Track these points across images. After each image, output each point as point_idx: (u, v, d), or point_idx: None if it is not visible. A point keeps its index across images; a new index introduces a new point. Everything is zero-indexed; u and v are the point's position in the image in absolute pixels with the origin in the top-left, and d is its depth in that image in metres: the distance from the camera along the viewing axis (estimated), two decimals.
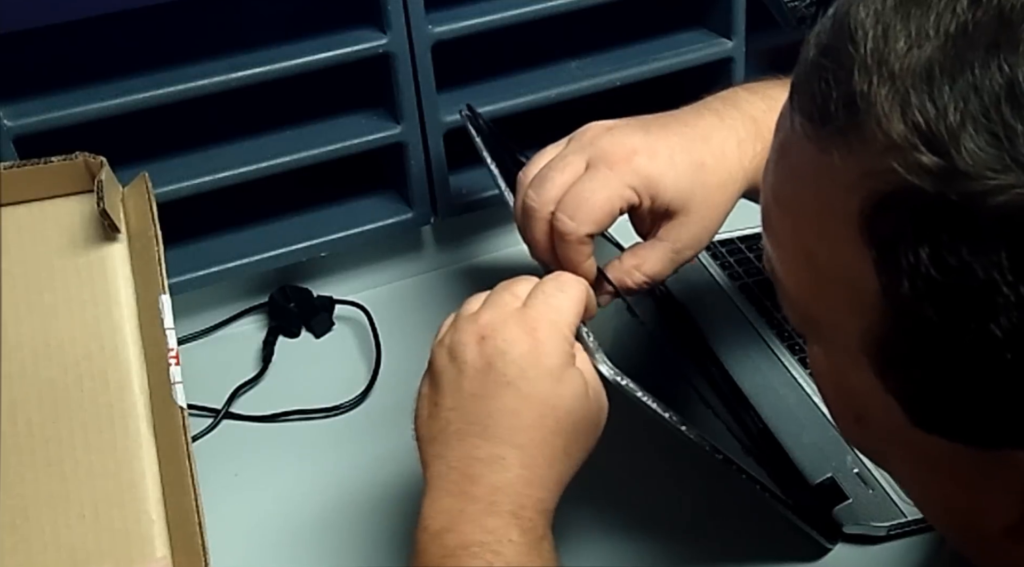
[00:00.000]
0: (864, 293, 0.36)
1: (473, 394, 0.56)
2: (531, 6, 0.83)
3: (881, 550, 0.70)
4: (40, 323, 0.68)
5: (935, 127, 0.32)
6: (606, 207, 0.62)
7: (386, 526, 0.74)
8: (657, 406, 0.61)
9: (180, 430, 0.65)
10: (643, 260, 0.66)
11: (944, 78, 0.32)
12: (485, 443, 0.55)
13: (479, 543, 0.52)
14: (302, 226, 0.90)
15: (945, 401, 0.36)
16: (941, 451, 0.37)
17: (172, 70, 0.78)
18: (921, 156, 0.32)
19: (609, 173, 0.62)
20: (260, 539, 0.74)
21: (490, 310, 0.58)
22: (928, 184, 0.32)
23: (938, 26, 0.33)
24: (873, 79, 0.34)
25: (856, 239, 0.35)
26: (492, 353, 0.55)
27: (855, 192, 0.35)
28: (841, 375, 0.40)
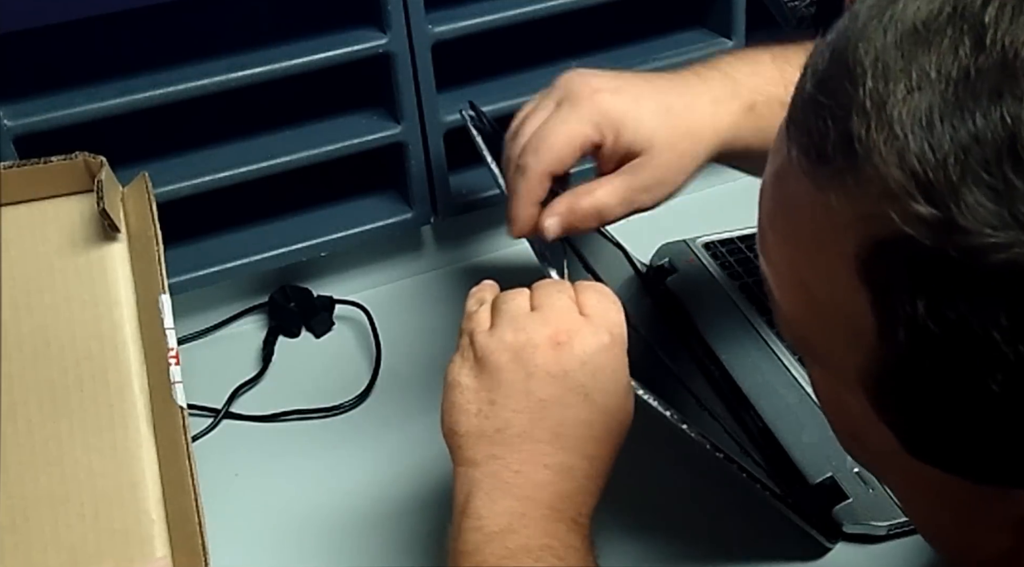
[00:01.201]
0: (861, 330, 0.35)
1: (543, 399, 0.55)
2: (531, 6, 0.83)
3: (881, 550, 0.70)
4: (40, 323, 0.68)
5: (934, 177, 0.31)
6: (567, 143, 0.62)
7: (386, 525, 0.74)
8: (658, 405, 0.61)
9: (180, 430, 0.65)
10: (596, 187, 0.65)
11: (945, 126, 0.31)
12: (556, 451, 0.54)
13: (543, 547, 0.52)
14: (302, 226, 0.90)
15: (939, 437, 0.35)
16: (936, 479, 0.36)
17: (172, 70, 0.78)
18: (919, 206, 0.32)
19: (572, 110, 0.63)
20: (260, 539, 0.74)
21: (557, 314, 0.56)
22: (925, 236, 0.32)
23: (940, 69, 0.32)
24: (871, 122, 0.33)
25: (853, 278, 0.35)
26: (569, 361, 0.55)
27: (851, 233, 0.34)
28: (838, 397, 0.40)
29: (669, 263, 0.91)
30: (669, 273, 0.90)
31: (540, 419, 0.54)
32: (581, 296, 0.58)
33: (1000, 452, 0.34)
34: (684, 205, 0.96)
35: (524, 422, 0.55)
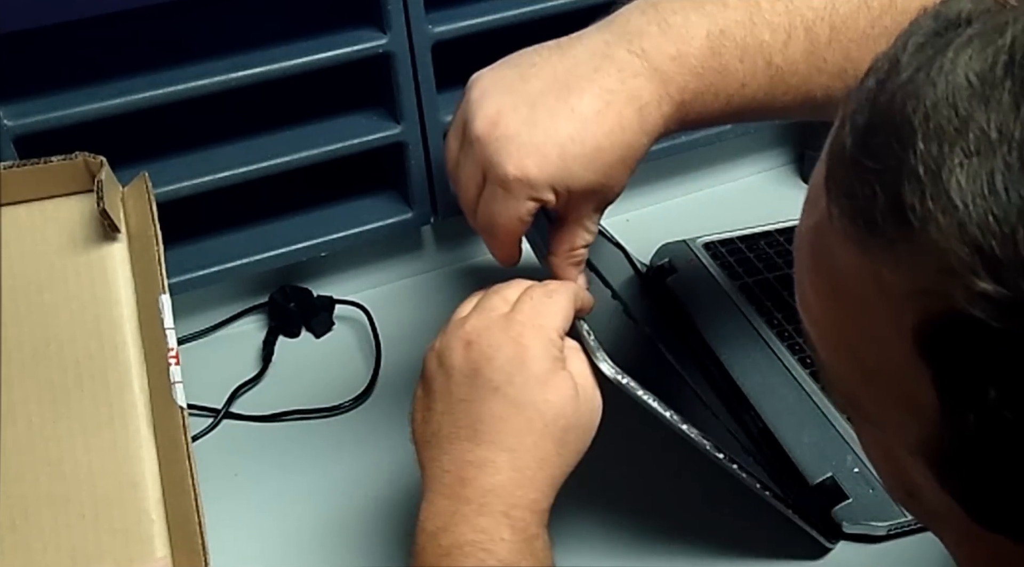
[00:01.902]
0: (922, 406, 0.33)
1: (461, 399, 0.56)
2: (531, 6, 0.83)
3: (881, 550, 0.70)
4: (40, 323, 0.68)
5: (1000, 251, 0.29)
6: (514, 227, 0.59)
7: (386, 526, 0.74)
8: (658, 405, 0.61)
9: (180, 430, 0.65)
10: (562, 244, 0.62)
11: (1011, 193, 0.28)
12: (476, 447, 0.55)
13: (471, 542, 0.53)
14: (302, 226, 0.90)
15: (1010, 511, 0.33)
16: (1000, 545, 0.34)
17: (172, 70, 0.78)
18: (984, 284, 0.29)
19: (505, 195, 0.59)
20: (260, 539, 0.74)
21: (477, 315, 0.58)
22: (993, 317, 0.29)
23: (1001, 129, 0.29)
24: (926, 190, 0.30)
25: (910, 352, 0.32)
26: (478, 358, 0.56)
27: (908, 306, 0.31)
28: (893, 458, 0.38)
29: (669, 263, 0.91)
30: (669, 273, 0.90)
31: (461, 418, 0.56)
32: (523, 293, 0.59)
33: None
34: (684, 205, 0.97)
35: (449, 423, 0.56)
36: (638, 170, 0.70)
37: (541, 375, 0.56)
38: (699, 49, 0.57)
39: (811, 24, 0.57)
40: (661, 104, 0.58)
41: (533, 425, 0.55)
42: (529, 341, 0.56)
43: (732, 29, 0.57)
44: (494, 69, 0.62)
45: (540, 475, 0.56)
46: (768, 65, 0.57)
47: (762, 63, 0.57)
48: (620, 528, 0.73)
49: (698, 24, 0.58)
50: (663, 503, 0.74)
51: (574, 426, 0.57)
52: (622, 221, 0.97)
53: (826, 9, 0.57)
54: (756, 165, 1.04)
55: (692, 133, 0.95)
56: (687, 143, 0.95)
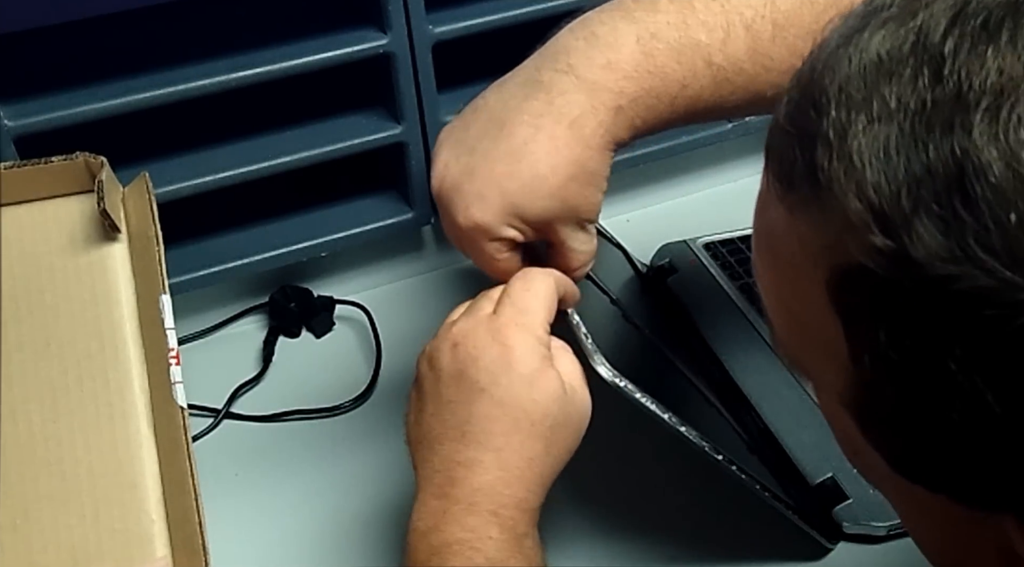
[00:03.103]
0: (838, 355, 0.36)
1: (450, 400, 0.57)
2: (531, 6, 0.83)
3: (881, 550, 0.70)
4: (40, 323, 0.68)
5: (888, 209, 0.32)
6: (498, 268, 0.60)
7: (385, 526, 0.74)
8: (656, 407, 0.61)
9: (180, 430, 0.65)
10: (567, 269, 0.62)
11: (900, 158, 0.32)
12: (464, 448, 0.56)
13: (460, 541, 0.54)
14: (302, 226, 0.90)
15: (917, 458, 0.36)
16: (925, 498, 0.37)
17: (172, 70, 0.78)
18: (875, 238, 0.32)
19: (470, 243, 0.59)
20: (260, 539, 0.74)
21: (465, 318, 0.58)
22: (882, 266, 0.32)
23: (900, 100, 0.32)
24: (833, 153, 0.33)
25: (827, 305, 0.35)
26: (464, 359, 0.56)
27: (821, 261, 0.35)
28: (835, 414, 0.40)
29: (669, 263, 0.91)
30: (669, 273, 0.90)
31: (449, 419, 0.56)
32: (503, 290, 0.59)
33: (972, 477, 0.34)
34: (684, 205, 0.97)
35: (438, 425, 0.57)
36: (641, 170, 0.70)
37: (527, 375, 0.56)
38: (630, 55, 0.57)
39: (750, 22, 0.57)
40: (596, 114, 0.57)
41: (520, 425, 0.55)
42: (514, 341, 0.56)
43: (664, 31, 0.57)
44: (451, 121, 0.63)
45: (528, 474, 0.56)
46: (708, 65, 0.57)
47: (701, 63, 0.57)
48: (619, 529, 0.73)
49: (627, 31, 0.58)
50: (663, 504, 0.74)
51: (563, 425, 0.57)
52: (622, 221, 0.97)
53: (766, 7, 0.58)
54: (756, 165, 1.03)
55: (693, 133, 0.95)
56: (687, 143, 0.95)
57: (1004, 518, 0.35)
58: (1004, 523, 0.35)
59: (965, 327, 0.31)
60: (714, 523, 0.72)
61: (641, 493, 0.75)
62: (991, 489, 0.34)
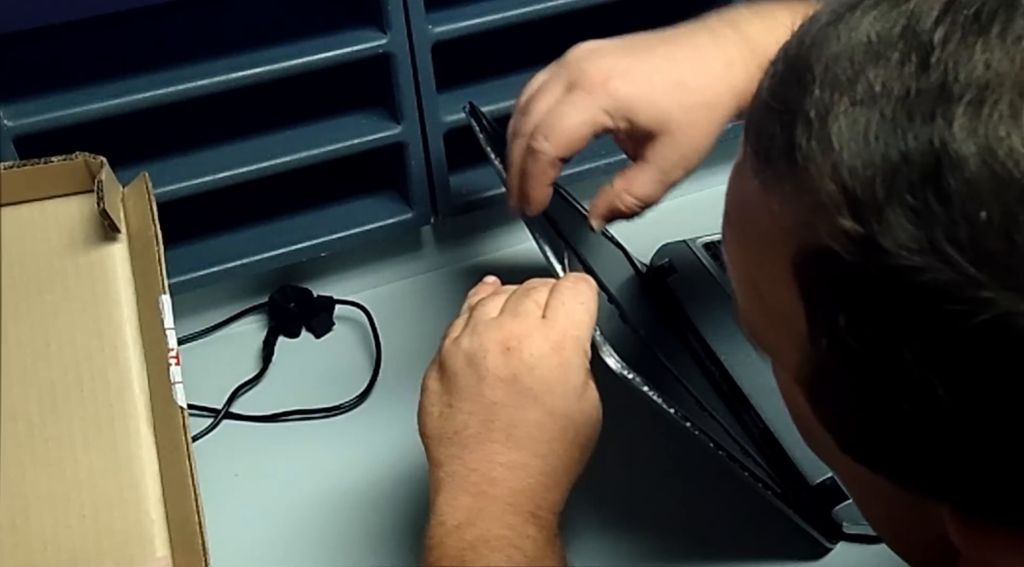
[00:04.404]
0: (797, 333, 0.36)
1: (495, 402, 0.57)
2: (531, 6, 0.83)
3: (881, 550, 0.69)
4: (40, 323, 0.68)
5: (861, 193, 0.31)
6: (579, 131, 0.63)
7: (386, 525, 0.74)
8: (662, 401, 0.61)
9: (180, 430, 0.65)
10: (631, 182, 0.66)
11: (879, 143, 0.31)
12: (508, 450, 0.56)
13: (499, 537, 0.54)
14: (302, 226, 0.90)
15: (862, 440, 0.36)
16: (870, 479, 0.37)
17: (172, 70, 0.78)
18: (844, 221, 0.32)
19: (585, 97, 0.63)
20: (260, 539, 0.74)
21: (514, 319, 0.58)
22: (849, 251, 0.32)
23: (885, 85, 0.32)
24: (813, 132, 0.33)
25: (791, 282, 0.35)
26: (518, 366, 0.57)
27: (790, 239, 0.34)
28: (789, 393, 0.40)
29: (669, 263, 0.91)
30: (669, 273, 0.90)
31: (493, 421, 0.57)
32: (552, 296, 0.59)
33: (916, 468, 0.34)
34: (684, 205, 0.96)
35: (478, 424, 0.57)
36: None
37: (578, 387, 0.57)
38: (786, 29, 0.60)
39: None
40: (748, 66, 0.62)
41: (567, 434, 0.57)
42: (570, 354, 0.57)
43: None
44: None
45: (565, 480, 0.57)
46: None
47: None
48: (620, 528, 0.73)
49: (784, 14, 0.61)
50: (663, 503, 0.74)
51: (596, 433, 0.59)
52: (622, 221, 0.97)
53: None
54: None
55: None
56: None
57: (942, 506, 0.35)
58: (941, 511, 0.35)
59: (924, 320, 0.31)
60: (714, 522, 0.72)
61: (641, 491, 0.75)
62: (932, 478, 0.34)
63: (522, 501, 0.56)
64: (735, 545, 0.71)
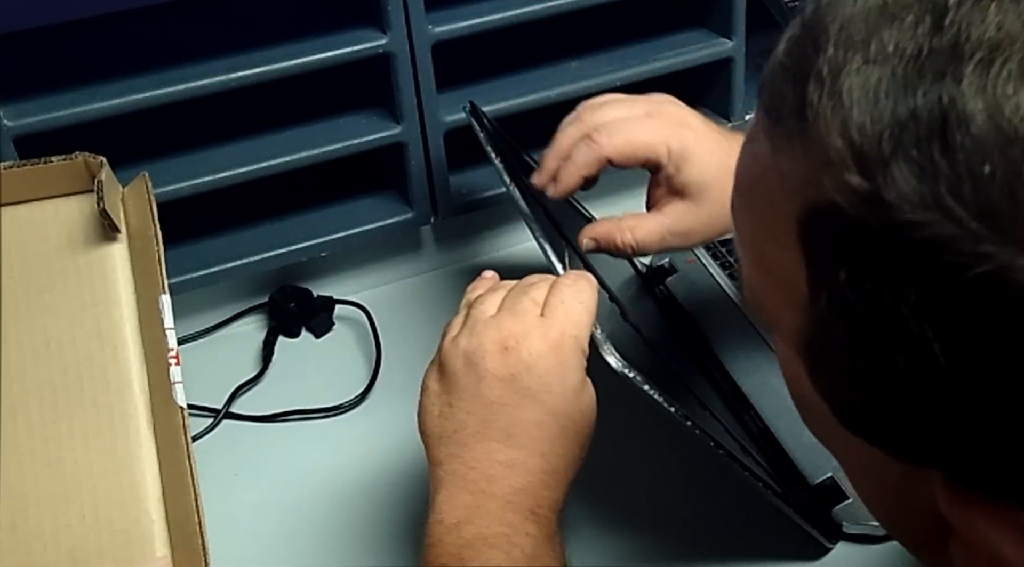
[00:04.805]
0: (797, 295, 0.36)
1: (494, 402, 0.57)
2: (531, 6, 0.83)
3: (881, 550, 0.70)
4: (40, 323, 0.68)
5: (868, 149, 0.32)
6: (638, 148, 0.66)
7: (386, 525, 0.74)
8: (663, 399, 0.61)
9: (180, 430, 0.65)
10: (639, 223, 0.69)
11: (888, 101, 0.32)
12: (507, 448, 0.56)
13: (497, 534, 0.54)
14: (302, 226, 0.90)
15: (859, 409, 0.36)
16: (865, 452, 0.37)
17: (172, 70, 0.78)
18: (850, 176, 0.32)
19: (659, 127, 0.66)
20: (260, 539, 0.74)
21: (512, 318, 0.59)
22: (853, 206, 0.32)
23: (897, 44, 0.32)
24: (824, 90, 0.33)
25: (795, 243, 0.35)
26: (516, 365, 0.57)
27: (796, 197, 0.35)
28: (788, 364, 0.40)
29: (669, 263, 0.91)
30: (669, 273, 0.90)
31: (492, 420, 0.57)
32: (551, 294, 0.60)
33: (908, 430, 0.34)
34: None
35: (477, 423, 0.57)
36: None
37: (577, 385, 0.58)
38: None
39: None
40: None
41: (567, 432, 0.57)
42: (567, 354, 0.58)
43: None
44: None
45: (565, 478, 0.58)
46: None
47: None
48: (620, 527, 0.73)
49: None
50: (663, 503, 0.74)
51: (592, 429, 0.59)
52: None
53: None
54: None
55: None
56: None
57: (932, 474, 0.35)
58: (932, 480, 0.35)
59: (922, 274, 0.31)
60: (714, 522, 0.72)
61: (641, 490, 0.75)
62: (923, 443, 0.34)
63: (521, 499, 0.56)
64: (735, 545, 0.71)
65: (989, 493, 0.34)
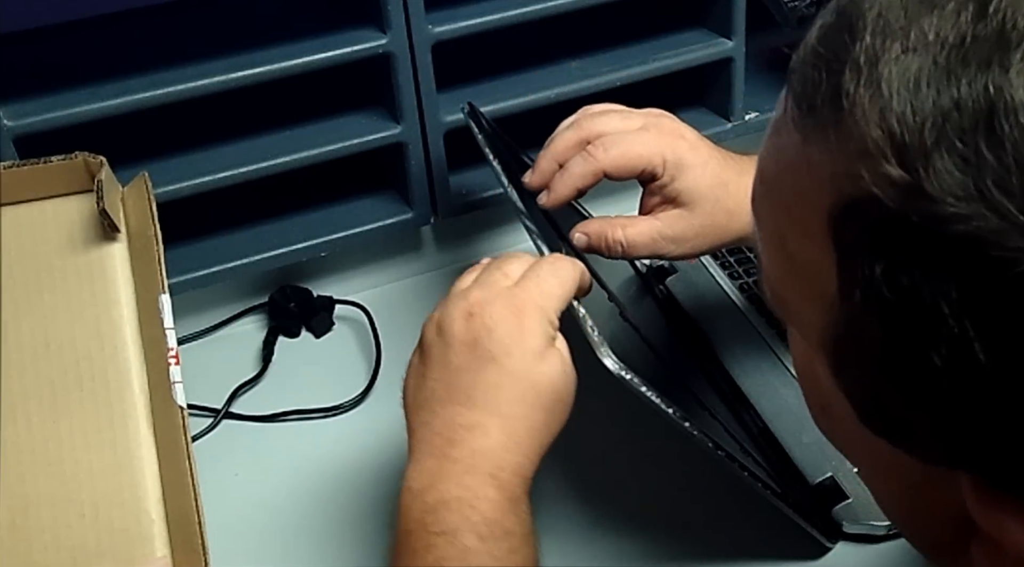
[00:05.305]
0: (825, 291, 0.35)
1: (459, 367, 0.58)
2: (531, 6, 0.83)
3: (881, 549, 0.70)
4: (40, 323, 0.68)
5: (909, 139, 0.31)
6: (635, 160, 0.67)
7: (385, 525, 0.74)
8: (660, 401, 0.61)
9: (180, 430, 0.65)
10: (631, 224, 0.69)
11: (930, 90, 0.31)
12: (468, 411, 0.57)
13: (457, 498, 0.55)
14: (302, 226, 0.90)
15: (888, 411, 0.35)
16: (889, 454, 0.36)
17: (172, 70, 0.78)
18: (890, 167, 0.31)
19: (654, 138, 0.67)
20: (260, 539, 0.74)
21: (480, 288, 0.60)
22: (892, 198, 0.31)
23: (939, 32, 0.31)
24: (861, 79, 0.33)
25: (825, 236, 0.34)
26: (478, 329, 0.58)
27: (828, 189, 0.34)
28: (808, 361, 0.40)
29: (669, 263, 0.91)
30: (669, 273, 0.90)
31: (456, 384, 0.58)
32: (528, 269, 0.61)
33: (941, 430, 0.34)
34: None
35: (443, 389, 0.58)
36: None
37: (537, 350, 0.58)
38: None
39: None
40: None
41: (527, 396, 0.57)
42: (530, 318, 0.58)
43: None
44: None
45: (528, 442, 0.57)
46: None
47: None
48: (620, 527, 0.73)
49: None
50: (663, 502, 0.74)
51: (562, 401, 0.59)
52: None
53: None
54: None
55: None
56: None
57: (959, 476, 0.35)
58: (959, 481, 0.35)
59: (965, 269, 0.30)
60: (714, 522, 0.72)
61: (641, 490, 0.75)
62: (956, 444, 0.34)
63: (480, 462, 0.56)
64: (735, 545, 0.71)
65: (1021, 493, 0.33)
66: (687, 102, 0.97)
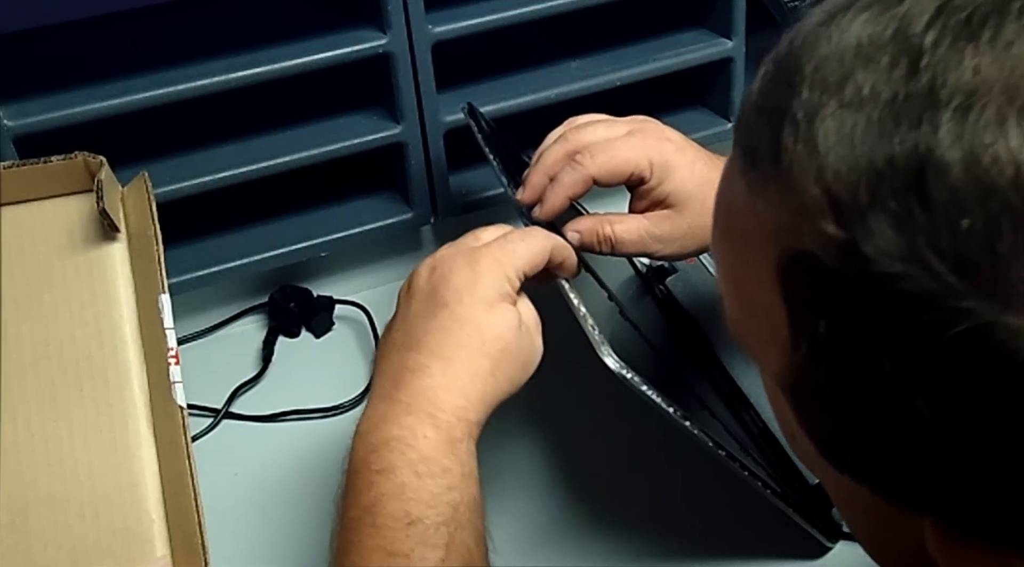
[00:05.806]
0: (780, 337, 0.35)
1: (415, 314, 0.60)
2: (531, 6, 0.83)
3: None
4: (40, 323, 0.68)
5: (845, 198, 0.31)
6: (623, 165, 0.67)
7: None
8: (661, 401, 0.61)
9: (180, 430, 0.65)
10: (621, 220, 0.69)
11: (864, 147, 0.31)
12: (416, 354, 0.58)
13: (396, 437, 0.56)
14: (302, 226, 0.90)
15: (846, 454, 0.36)
16: (853, 488, 0.37)
17: (172, 70, 0.78)
18: (828, 226, 0.31)
19: (640, 143, 0.67)
20: (260, 539, 0.74)
21: (448, 247, 0.62)
22: (831, 257, 0.31)
23: (873, 88, 0.31)
24: (799, 134, 0.32)
25: (775, 286, 0.35)
26: (437, 280, 0.60)
27: (774, 242, 0.34)
28: (774, 396, 0.40)
29: (669, 263, 0.91)
30: (669, 273, 0.90)
31: (411, 331, 0.59)
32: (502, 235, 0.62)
33: (897, 476, 0.34)
34: None
35: (401, 337, 0.60)
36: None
37: (488, 299, 0.59)
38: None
39: None
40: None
41: (472, 341, 0.58)
42: (485, 269, 0.59)
43: None
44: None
45: (469, 387, 0.58)
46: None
47: None
48: (619, 527, 0.73)
49: None
50: (663, 502, 0.74)
51: (512, 354, 0.59)
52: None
53: None
54: None
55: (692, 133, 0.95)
56: None
57: (922, 519, 0.35)
58: (922, 523, 0.35)
59: (904, 329, 0.30)
60: (714, 521, 0.72)
61: (641, 490, 0.75)
62: (911, 490, 0.34)
63: (420, 402, 0.57)
64: (735, 545, 0.71)
65: (979, 539, 0.33)
66: (687, 102, 0.98)
